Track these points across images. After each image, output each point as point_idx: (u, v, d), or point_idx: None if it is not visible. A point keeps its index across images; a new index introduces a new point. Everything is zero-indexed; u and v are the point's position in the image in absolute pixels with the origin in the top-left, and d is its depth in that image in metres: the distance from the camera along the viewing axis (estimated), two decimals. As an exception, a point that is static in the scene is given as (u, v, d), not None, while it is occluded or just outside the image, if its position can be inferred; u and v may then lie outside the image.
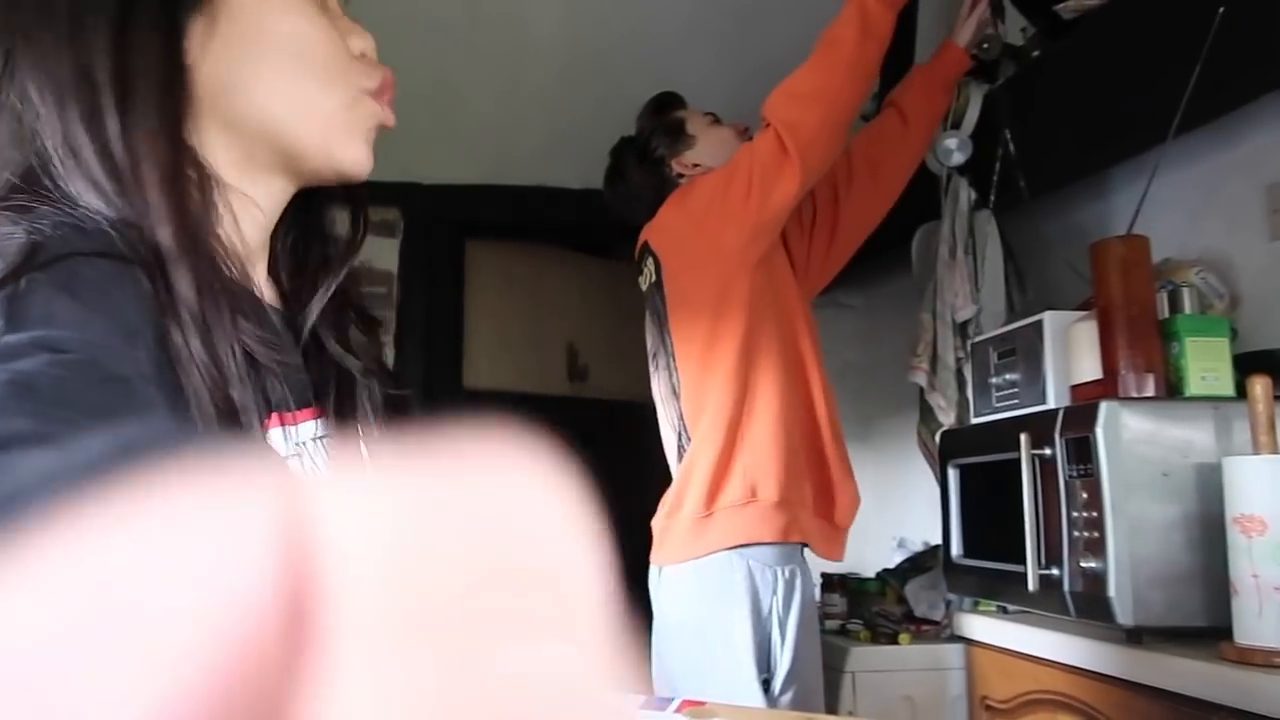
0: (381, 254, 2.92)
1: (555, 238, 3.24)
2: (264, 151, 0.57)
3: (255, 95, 0.55)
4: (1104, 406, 1.36)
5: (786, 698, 1.57)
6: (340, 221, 0.67)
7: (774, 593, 1.58)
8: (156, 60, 0.52)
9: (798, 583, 1.62)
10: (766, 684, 1.58)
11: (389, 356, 2.84)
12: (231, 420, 0.48)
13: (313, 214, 0.66)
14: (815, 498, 1.67)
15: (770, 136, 1.60)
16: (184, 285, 0.48)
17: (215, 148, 0.56)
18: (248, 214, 0.57)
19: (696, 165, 1.77)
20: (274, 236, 0.63)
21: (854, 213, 1.89)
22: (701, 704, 0.64)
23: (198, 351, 0.47)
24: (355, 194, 0.66)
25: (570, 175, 2.89)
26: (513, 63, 2.69)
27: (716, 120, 1.84)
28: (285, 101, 0.56)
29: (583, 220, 2.94)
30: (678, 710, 0.64)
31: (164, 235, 0.48)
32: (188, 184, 0.52)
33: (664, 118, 1.84)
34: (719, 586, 1.56)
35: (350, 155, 0.59)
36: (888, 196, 1.89)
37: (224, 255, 0.53)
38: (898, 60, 2.46)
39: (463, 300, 3.07)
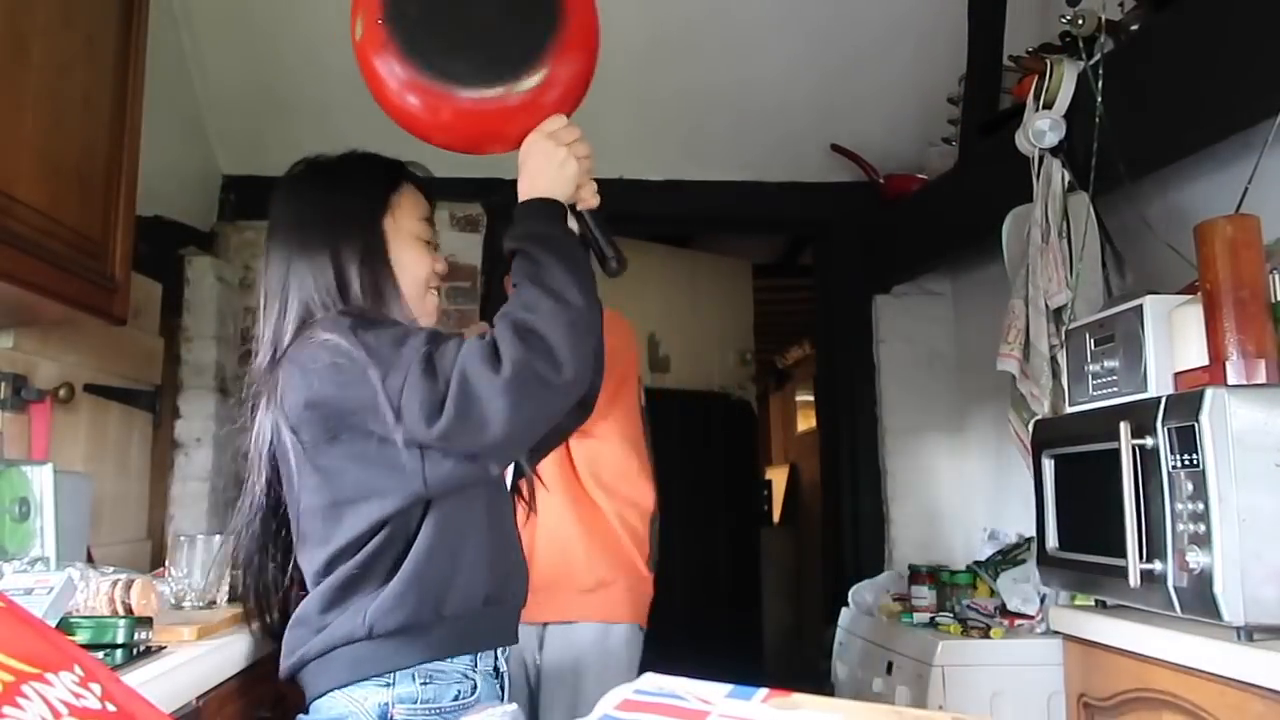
0: (466, 249, 2.97)
1: (636, 229, 3.26)
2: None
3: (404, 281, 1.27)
4: (1210, 393, 1.30)
5: None
6: None
7: None
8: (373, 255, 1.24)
9: None
10: None
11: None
12: None
13: None
14: None
15: None
16: None
17: None
18: None
19: None
20: None
21: None
22: (787, 693, 0.64)
23: None
24: None
25: (650, 167, 2.89)
26: (592, 55, 2.70)
27: None
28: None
29: (663, 211, 2.94)
30: (763, 701, 0.64)
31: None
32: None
33: None
34: None
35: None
36: None
37: None
38: (989, 42, 2.38)
39: (545, 293, 3.10)
